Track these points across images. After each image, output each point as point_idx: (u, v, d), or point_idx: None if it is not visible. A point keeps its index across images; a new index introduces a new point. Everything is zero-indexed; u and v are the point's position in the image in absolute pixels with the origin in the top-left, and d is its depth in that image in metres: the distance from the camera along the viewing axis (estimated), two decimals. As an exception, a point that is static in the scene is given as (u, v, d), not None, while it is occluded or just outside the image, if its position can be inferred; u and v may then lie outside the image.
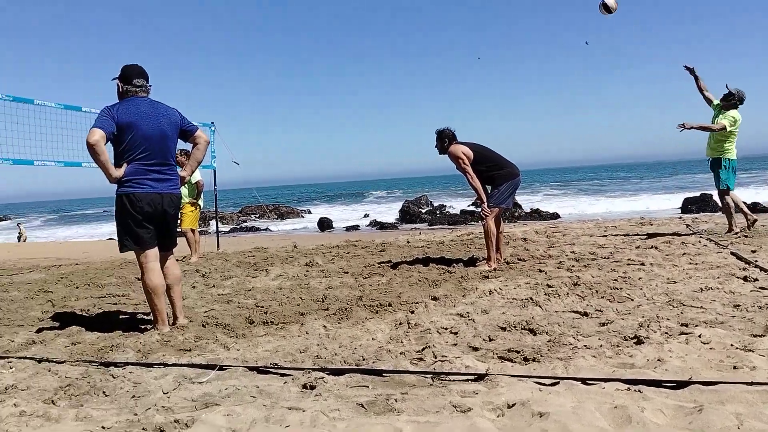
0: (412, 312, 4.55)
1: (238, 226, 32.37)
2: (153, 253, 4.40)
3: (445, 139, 6.76)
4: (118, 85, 4.39)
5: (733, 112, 8.02)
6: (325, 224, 28.26)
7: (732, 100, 8.08)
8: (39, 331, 4.59)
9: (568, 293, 4.87)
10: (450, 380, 3.03)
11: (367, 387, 3.01)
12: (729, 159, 8.13)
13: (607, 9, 7.91)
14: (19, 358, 3.76)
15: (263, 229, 30.43)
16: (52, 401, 2.95)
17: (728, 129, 7.94)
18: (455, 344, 3.70)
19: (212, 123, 12.71)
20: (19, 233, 30.99)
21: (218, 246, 12.38)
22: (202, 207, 10.05)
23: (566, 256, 7.00)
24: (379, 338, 3.96)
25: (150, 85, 4.44)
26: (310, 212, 42.18)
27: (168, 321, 4.46)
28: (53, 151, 9.41)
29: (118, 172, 4.23)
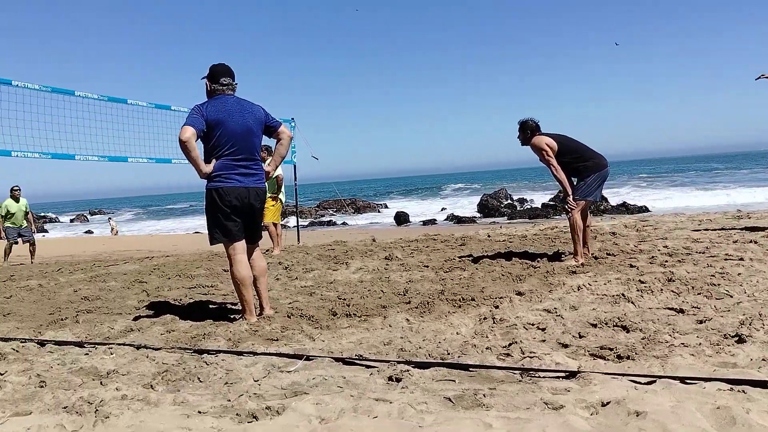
0: (497, 307, 4.48)
1: (316, 220, 32.92)
2: (241, 246, 4.52)
3: (527, 130, 6.61)
4: (206, 84, 4.55)
5: None
6: (401, 218, 28.35)
7: None
8: (136, 319, 4.81)
9: (662, 289, 4.67)
10: (540, 377, 2.96)
11: (454, 381, 2.98)
12: None
13: None
14: (119, 344, 3.93)
15: (340, 224, 30.84)
16: (151, 386, 3.07)
17: None
18: (543, 340, 3.61)
19: (292, 119, 12.97)
20: (111, 227, 32.76)
21: (299, 240, 12.63)
22: (284, 201, 10.27)
23: (659, 250, 6.71)
24: (463, 332, 3.92)
25: (236, 83, 4.57)
26: (386, 206, 42.41)
27: (255, 311, 4.57)
28: (145, 148, 9.85)
29: (208, 168, 4.38)
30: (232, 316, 4.67)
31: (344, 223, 31.40)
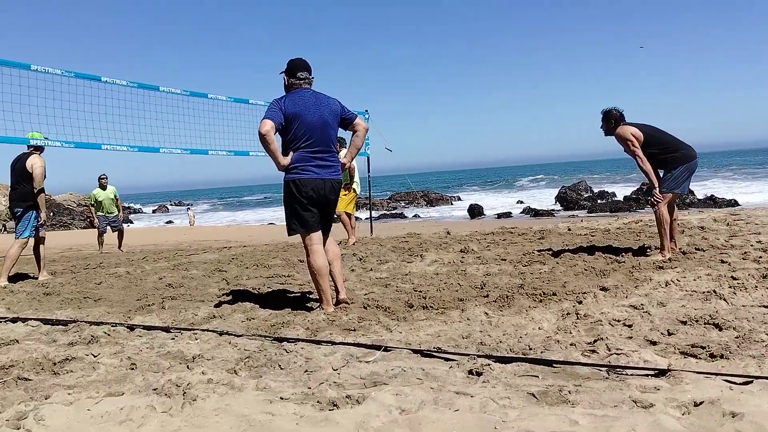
0: (580, 302, 4.34)
1: (388, 213, 33.04)
2: (317, 236, 4.58)
3: (611, 120, 6.38)
4: (284, 78, 4.64)
5: None
6: (475, 211, 28.04)
7: None
8: (218, 306, 4.93)
9: (756, 286, 4.41)
10: (627, 374, 2.85)
11: (537, 377, 2.91)
12: None
13: None
14: (203, 330, 4.04)
15: (412, 216, 30.83)
16: (235, 371, 3.14)
17: None
18: (630, 337, 3.48)
19: (366, 111, 13.02)
20: (189, 218, 33.97)
21: (371, 231, 12.69)
22: (358, 192, 10.30)
23: (751, 246, 6.34)
24: (545, 328, 3.83)
25: (312, 77, 4.65)
26: (459, 199, 42.08)
27: (332, 300, 4.60)
28: (224, 141, 10.12)
29: (286, 160, 4.48)
30: (309, 306, 4.73)
31: (416, 216, 31.38)
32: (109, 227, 12.72)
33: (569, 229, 9.82)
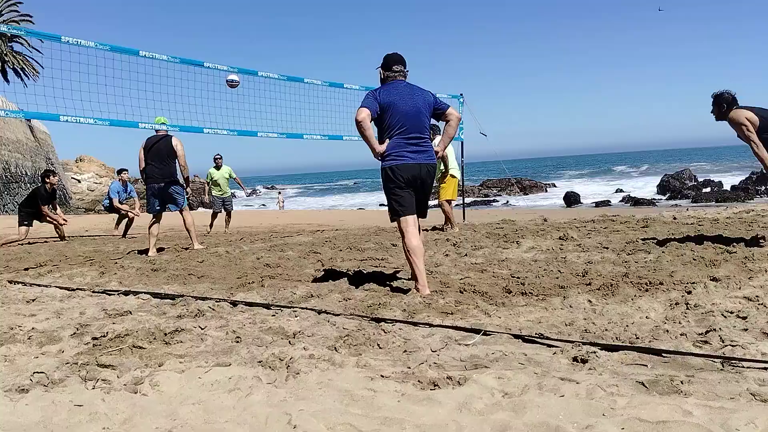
0: (689, 292, 4.12)
1: (479, 200, 32.70)
2: (413, 219, 4.73)
3: (723, 104, 6.01)
4: (380, 72, 4.88)
5: None
6: (571, 199, 27.33)
7: None
8: (315, 286, 5.02)
9: None
10: (744, 367, 2.68)
11: (646, 366, 2.79)
12: None
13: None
14: (302, 308, 4.13)
15: (505, 203, 30.37)
16: (335, 348, 3.18)
17: None
18: (745, 329, 3.27)
19: (461, 94, 12.88)
20: (278, 201, 34.89)
21: (464, 217, 12.58)
22: (458, 177, 10.16)
23: None
24: (652, 317, 3.66)
25: (407, 70, 4.87)
26: (554, 186, 41.11)
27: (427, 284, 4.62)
28: (318, 126, 10.27)
29: (381, 147, 4.69)
30: (404, 288, 4.72)
31: (507, 203, 30.89)
32: (222, 208, 13.06)
33: (674, 218, 9.37)
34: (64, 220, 11.73)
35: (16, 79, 40.16)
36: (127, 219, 12.55)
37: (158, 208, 8.27)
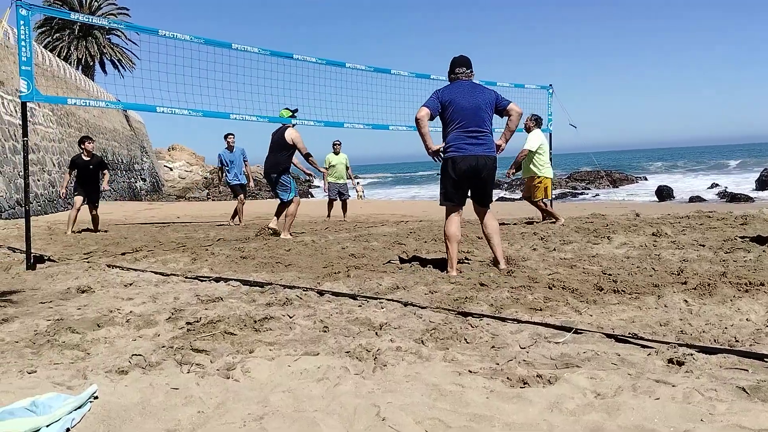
0: (793, 294, 3.88)
1: (567, 191, 31.92)
2: (456, 210, 5.28)
3: None
4: (448, 75, 5.30)
5: None
6: (664, 193, 26.24)
7: None
8: (401, 277, 5.03)
9: None
10: None
11: (747, 371, 2.65)
12: None
13: None
14: (388, 300, 4.15)
15: (594, 196, 29.52)
16: (422, 341, 3.18)
17: None
18: None
19: (550, 85, 12.61)
20: (357, 191, 35.06)
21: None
22: (540, 174, 9.64)
23: None
24: (753, 319, 3.47)
25: (471, 72, 5.24)
26: (646, 179, 39.56)
27: (456, 266, 5.17)
28: (404, 117, 10.26)
29: (435, 146, 5.18)
30: (492, 283, 4.65)
31: (597, 196, 30.00)
32: (338, 197, 13.12)
33: (777, 215, 8.83)
34: (106, 186, 11.10)
35: (112, 70, 42.46)
36: (239, 204, 12.12)
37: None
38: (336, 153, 13.13)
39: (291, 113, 8.74)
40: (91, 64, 40.93)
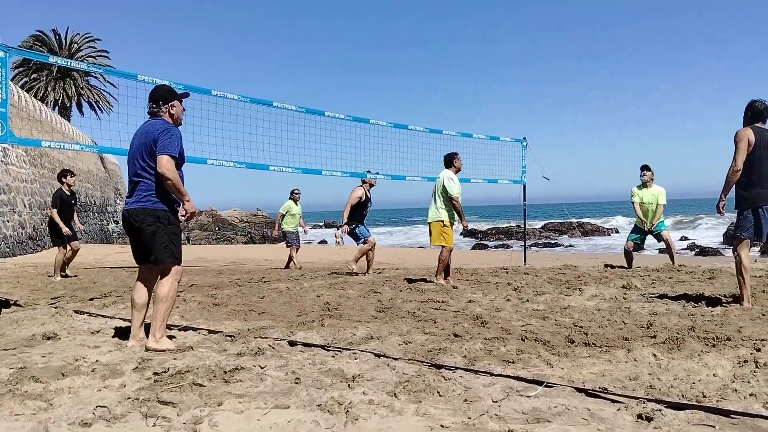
0: (758, 350, 3.95)
1: (539, 242, 32.26)
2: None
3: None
4: None
5: None
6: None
7: None
8: (375, 328, 5.01)
9: None
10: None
11: (713, 427, 2.69)
12: None
13: None
14: (362, 350, 4.13)
15: (567, 246, 29.84)
16: (394, 394, 3.16)
17: None
18: (822, 391, 3.10)
19: (524, 138, 12.88)
20: (335, 238, 34.99)
21: (525, 260, 12.42)
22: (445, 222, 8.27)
23: None
24: (720, 375, 3.52)
25: (155, 106, 4.55)
26: (617, 231, 40.17)
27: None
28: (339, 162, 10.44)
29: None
30: (465, 335, 4.66)
31: (570, 246, 30.35)
32: (297, 243, 13.12)
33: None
34: (81, 225, 10.89)
35: (89, 111, 42.38)
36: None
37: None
38: (296, 202, 13.13)
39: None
40: (68, 105, 40.83)
